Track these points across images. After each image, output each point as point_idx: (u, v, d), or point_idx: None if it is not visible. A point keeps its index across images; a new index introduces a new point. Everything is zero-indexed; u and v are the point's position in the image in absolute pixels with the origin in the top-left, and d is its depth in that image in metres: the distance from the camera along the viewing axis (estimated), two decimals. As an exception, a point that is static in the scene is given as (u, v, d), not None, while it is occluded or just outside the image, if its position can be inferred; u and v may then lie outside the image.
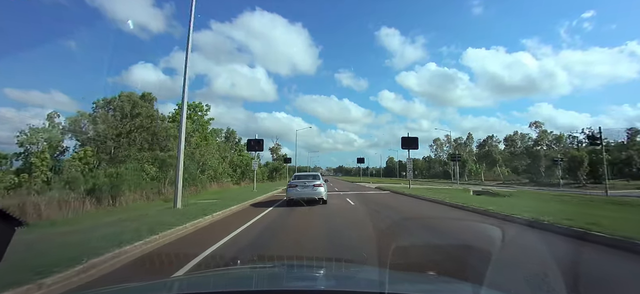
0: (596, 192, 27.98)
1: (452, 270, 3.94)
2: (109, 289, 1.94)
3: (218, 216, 9.21)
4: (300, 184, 12.86)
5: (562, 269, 3.89)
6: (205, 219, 8.34)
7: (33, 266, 3.77)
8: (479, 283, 1.73)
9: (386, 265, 3.27)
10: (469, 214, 10.14)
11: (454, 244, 5.51)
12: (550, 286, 3.43)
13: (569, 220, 6.93)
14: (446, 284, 2.15)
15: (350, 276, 2.20)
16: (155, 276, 4.37)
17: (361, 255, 4.92)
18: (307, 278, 2.08)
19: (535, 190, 33.94)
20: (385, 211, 10.79)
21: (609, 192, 26.20)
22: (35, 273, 3.58)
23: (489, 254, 3.89)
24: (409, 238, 6.35)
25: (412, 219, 9.33)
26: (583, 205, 14.35)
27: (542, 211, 8.65)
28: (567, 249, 5.39)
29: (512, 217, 8.20)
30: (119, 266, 4.53)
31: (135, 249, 5.12)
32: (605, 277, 3.97)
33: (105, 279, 3.99)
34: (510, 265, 4.06)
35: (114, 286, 2.27)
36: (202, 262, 4.63)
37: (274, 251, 5.43)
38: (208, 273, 3.10)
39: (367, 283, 1.86)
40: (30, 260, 4.03)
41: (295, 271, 2.38)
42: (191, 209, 10.05)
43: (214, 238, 6.30)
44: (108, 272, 4.26)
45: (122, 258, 4.73)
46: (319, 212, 10.23)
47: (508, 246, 5.16)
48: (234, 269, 3.33)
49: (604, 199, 19.27)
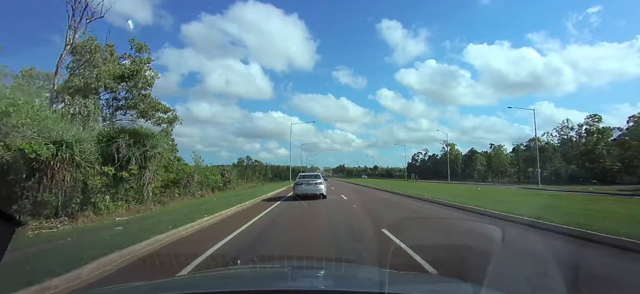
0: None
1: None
2: (109, 289, 2.20)
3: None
4: (304, 182, 16.18)
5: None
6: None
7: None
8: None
9: (386, 265, 3.42)
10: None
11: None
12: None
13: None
14: (446, 284, 2.24)
15: (350, 276, 2.25)
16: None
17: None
18: (307, 277, 2.06)
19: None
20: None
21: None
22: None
23: None
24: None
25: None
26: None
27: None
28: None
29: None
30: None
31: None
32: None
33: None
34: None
35: (114, 286, 2.58)
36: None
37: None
38: (207, 273, 3.22)
39: (367, 283, 1.84)
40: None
41: (295, 271, 2.35)
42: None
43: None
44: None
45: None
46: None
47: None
48: (234, 269, 3.49)
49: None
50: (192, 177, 18.75)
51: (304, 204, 13.44)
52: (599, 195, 19.74)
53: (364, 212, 10.82)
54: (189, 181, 18.46)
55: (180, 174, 17.74)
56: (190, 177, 18.65)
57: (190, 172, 18.76)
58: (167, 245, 6.12)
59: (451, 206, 12.42)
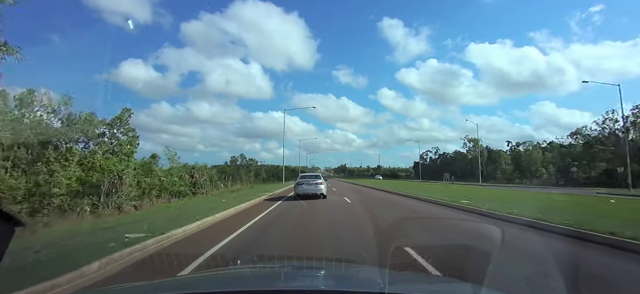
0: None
1: None
2: (109, 289, 2.19)
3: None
4: (305, 182, 16.66)
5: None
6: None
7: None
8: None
9: (386, 265, 3.15)
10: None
11: None
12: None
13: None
14: (446, 284, 2.27)
15: (350, 276, 2.21)
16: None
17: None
18: (307, 277, 2.04)
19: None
20: None
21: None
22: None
23: None
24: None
25: None
26: None
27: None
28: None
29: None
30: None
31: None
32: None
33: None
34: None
35: (115, 286, 2.56)
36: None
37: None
38: (207, 273, 3.12)
39: (367, 283, 1.83)
40: None
41: (295, 271, 2.35)
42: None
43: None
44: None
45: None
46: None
47: None
48: (233, 269, 3.39)
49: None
50: (121, 180, 12.05)
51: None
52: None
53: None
54: (115, 185, 11.78)
55: (95, 175, 11.06)
56: (118, 179, 11.97)
57: (118, 172, 12.09)
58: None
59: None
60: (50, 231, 8.01)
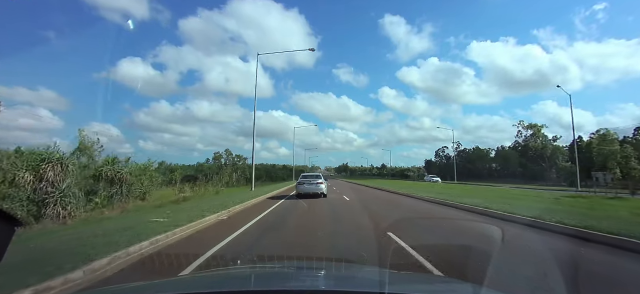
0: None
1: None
2: (109, 289, 2.20)
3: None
4: (306, 182, 17.19)
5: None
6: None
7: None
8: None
9: (386, 265, 3.26)
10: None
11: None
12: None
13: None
14: (446, 284, 2.22)
15: (351, 276, 2.21)
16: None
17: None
18: (307, 278, 2.04)
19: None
20: None
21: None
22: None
23: None
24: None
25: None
26: None
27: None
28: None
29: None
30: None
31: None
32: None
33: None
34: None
35: (115, 286, 2.62)
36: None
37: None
38: (207, 273, 3.10)
39: (367, 283, 1.83)
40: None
41: (295, 271, 2.34)
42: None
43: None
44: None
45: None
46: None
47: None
48: (233, 269, 3.40)
49: None
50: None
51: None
52: None
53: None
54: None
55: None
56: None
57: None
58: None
59: None
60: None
